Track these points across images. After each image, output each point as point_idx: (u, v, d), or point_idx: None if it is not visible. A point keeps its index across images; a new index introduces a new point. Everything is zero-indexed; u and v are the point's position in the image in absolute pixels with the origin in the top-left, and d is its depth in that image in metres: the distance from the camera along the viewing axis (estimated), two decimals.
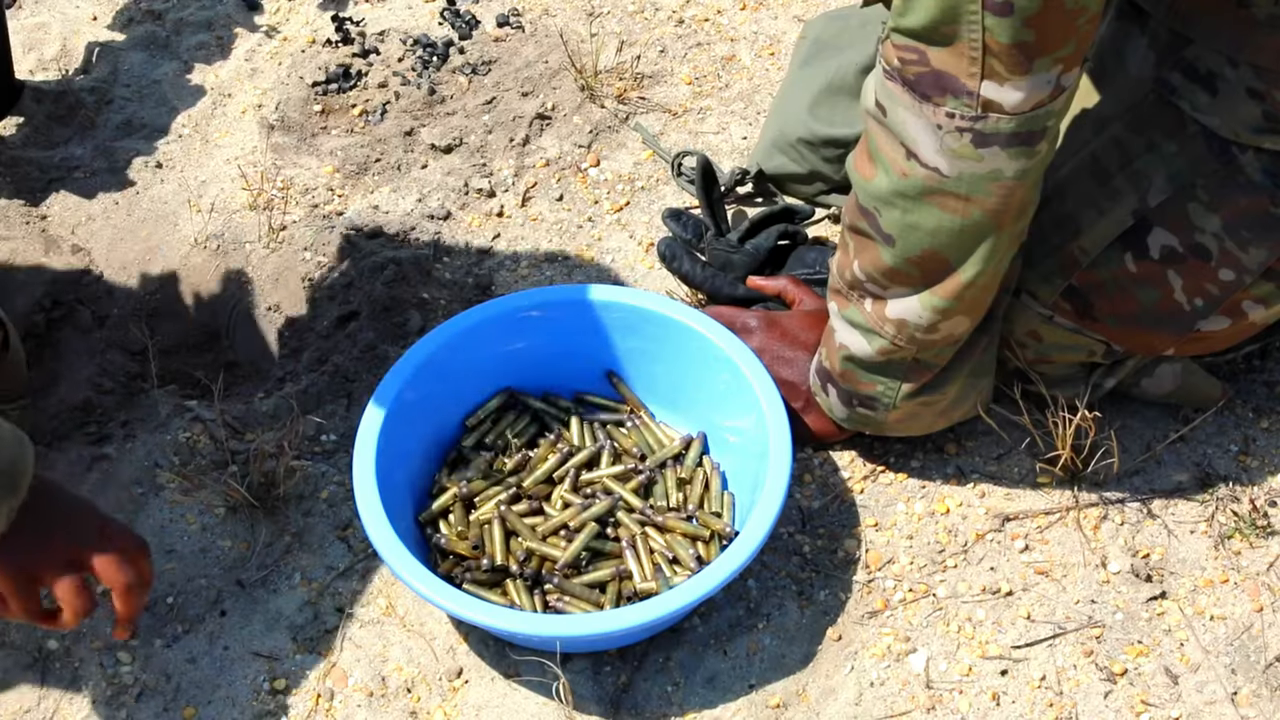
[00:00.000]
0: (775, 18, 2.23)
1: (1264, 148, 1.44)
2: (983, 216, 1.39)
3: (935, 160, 1.37)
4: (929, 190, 1.39)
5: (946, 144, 1.35)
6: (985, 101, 1.31)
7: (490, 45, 2.21)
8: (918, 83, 1.34)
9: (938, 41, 1.30)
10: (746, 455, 1.62)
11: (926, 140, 1.36)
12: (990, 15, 1.25)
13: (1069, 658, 1.54)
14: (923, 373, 1.54)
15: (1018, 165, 1.36)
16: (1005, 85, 1.30)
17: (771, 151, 1.95)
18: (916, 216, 1.41)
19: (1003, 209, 1.39)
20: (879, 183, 1.42)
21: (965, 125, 1.33)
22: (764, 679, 1.54)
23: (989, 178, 1.36)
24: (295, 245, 1.94)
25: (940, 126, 1.34)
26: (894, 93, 1.37)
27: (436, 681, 1.55)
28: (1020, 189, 1.39)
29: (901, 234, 1.43)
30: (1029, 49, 1.27)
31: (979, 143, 1.34)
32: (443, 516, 1.63)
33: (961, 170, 1.36)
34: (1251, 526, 1.63)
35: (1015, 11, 1.25)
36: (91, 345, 1.82)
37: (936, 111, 1.34)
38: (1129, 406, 1.73)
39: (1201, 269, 1.50)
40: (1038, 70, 1.29)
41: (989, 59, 1.28)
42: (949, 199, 1.39)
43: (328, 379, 1.79)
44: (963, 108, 1.32)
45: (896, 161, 1.40)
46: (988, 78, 1.30)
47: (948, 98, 1.33)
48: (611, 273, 1.92)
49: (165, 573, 1.63)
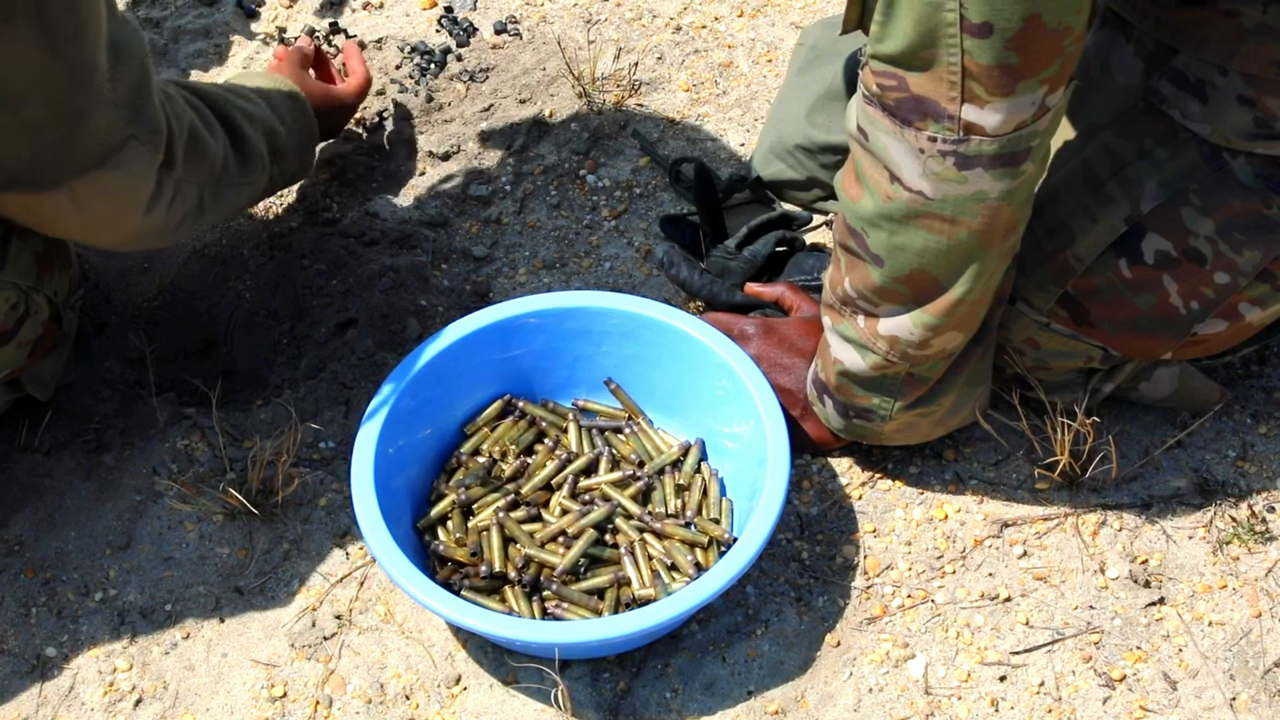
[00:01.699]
0: (773, 25, 2.23)
1: (1256, 152, 1.44)
2: (969, 237, 1.39)
3: (919, 184, 1.36)
4: (914, 213, 1.39)
5: (929, 167, 1.34)
6: (966, 124, 1.31)
7: (488, 52, 2.21)
8: (898, 108, 1.33)
9: (916, 67, 1.29)
10: (745, 462, 1.62)
11: (909, 164, 1.36)
12: (970, 38, 1.25)
13: (1068, 663, 1.54)
14: (917, 386, 1.54)
15: (1002, 186, 1.35)
16: (985, 108, 1.29)
17: (769, 158, 1.95)
18: (903, 238, 1.41)
19: (989, 229, 1.39)
20: (864, 205, 1.42)
21: (947, 149, 1.32)
22: (763, 685, 1.54)
23: (974, 199, 1.36)
24: (293, 253, 1.94)
25: (923, 150, 1.34)
26: (874, 118, 1.36)
27: (435, 688, 1.55)
28: (1006, 209, 1.38)
29: (889, 255, 1.43)
30: (1013, 71, 1.26)
31: (962, 165, 1.33)
32: (441, 523, 1.63)
33: (945, 193, 1.36)
34: (1250, 532, 1.63)
35: (995, 33, 1.24)
36: (89, 353, 1.82)
37: (918, 136, 1.33)
38: (1127, 411, 1.73)
39: (1196, 273, 1.50)
40: (1021, 92, 1.28)
41: (969, 82, 1.28)
42: (934, 221, 1.38)
43: (326, 386, 1.79)
44: (944, 131, 1.32)
45: (881, 185, 1.39)
46: (968, 101, 1.29)
47: (928, 122, 1.32)
48: (609, 279, 1.92)
49: (163, 580, 1.63)
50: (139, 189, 1.53)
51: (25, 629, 1.60)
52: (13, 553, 1.65)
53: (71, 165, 1.46)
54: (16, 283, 1.58)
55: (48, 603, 1.62)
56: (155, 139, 1.50)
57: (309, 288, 1.90)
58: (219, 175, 1.64)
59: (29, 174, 1.46)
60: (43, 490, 1.69)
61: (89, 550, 1.65)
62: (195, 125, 1.59)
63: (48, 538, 1.66)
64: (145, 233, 1.58)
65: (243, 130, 1.69)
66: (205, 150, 1.60)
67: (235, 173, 1.67)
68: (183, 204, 1.59)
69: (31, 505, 1.68)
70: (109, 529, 1.66)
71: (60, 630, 1.60)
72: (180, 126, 1.55)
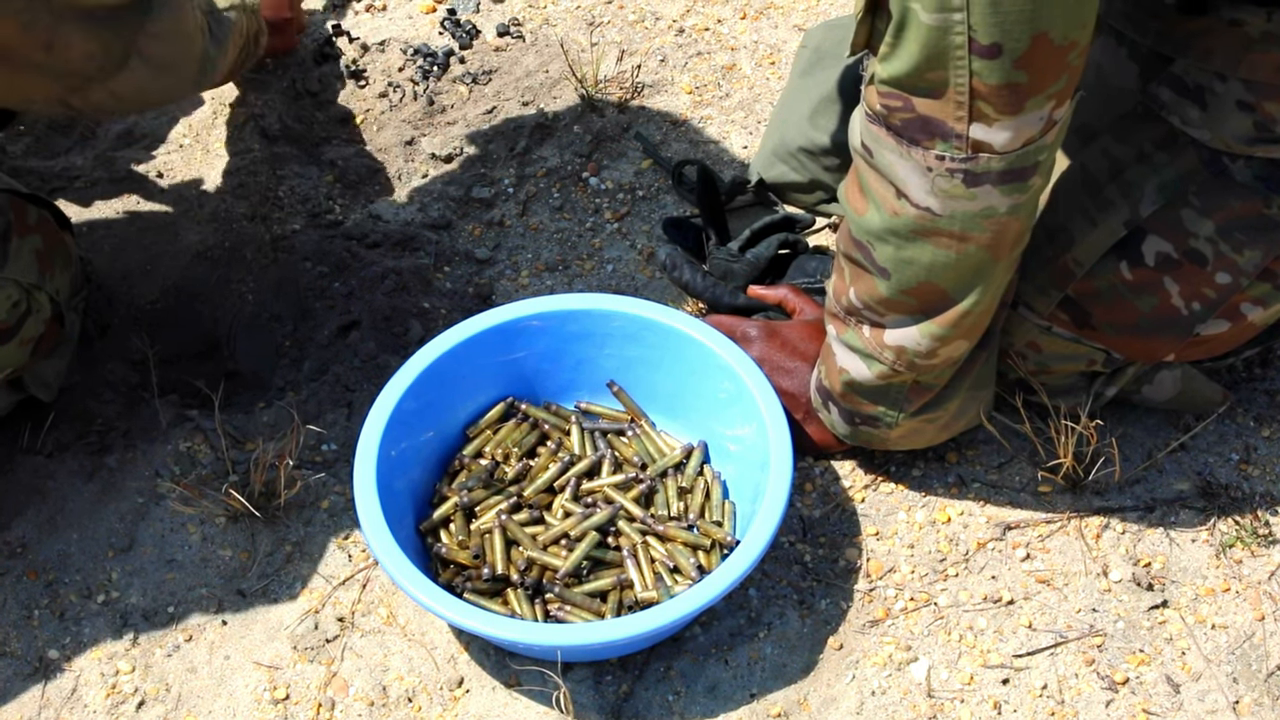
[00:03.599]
0: (775, 27, 2.23)
1: (1255, 155, 1.44)
2: (978, 251, 1.39)
3: (926, 200, 1.36)
4: (921, 229, 1.38)
5: (938, 185, 1.34)
6: (974, 143, 1.30)
7: (490, 55, 2.21)
8: (904, 128, 1.33)
9: (922, 89, 1.29)
10: (747, 464, 1.62)
11: (916, 181, 1.35)
12: (978, 59, 1.24)
13: (1070, 666, 1.54)
14: (923, 393, 1.54)
15: (1011, 201, 1.35)
16: (994, 126, 1.29)
17: (772, 160, 1.95)
18: (911, 252, 1.41)
19: (998, 243, 1.39)
20: (871, 219, 1.42)
21: (955, 167, 1.32)
22: (765, 688, 1.54)
23: (982, 215, 1.36)
24: (296, 255, 1.94)
25: (930, 169, 1.33)
26: (879, 136, 1.35)
27: (437, 691, 1.55)
28: (1014, 223, 1.38)
29: (897, 268, 1.43)
30: (1022, 89, 1.26)
31: (970, 182, 1.33)
32: (443, 526, 1.63)
33: (954, 209, 1.35)
34: (1253, 535, 1.63)
35: (1004, 53, 1.23)
36: (92, 355, 1.82)
37: (925, 155, 1.32)
38: (1130, 414, 1.73)
39: (1197, 274, 1.50)
40: (1030, 109, 1.28)
41: (977, 102, 1.27)
42: (943, 237, 1.38)
43: (328, 389, 1.79)
44: (952, 150, 1.31)
45: (887, 200, 1.39)
46: (976, 120, 1.28)
47: (936, 141, 1.31)
48: (612, 282, 1.92)
49: (166, 582, 1.63)
50: (186, 19, 1.60)
51: (28, 631, 1.60)
52: (15, 555, 1.65)
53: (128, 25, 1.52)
54: (18, 280, 1.59)
55: (50, 605, 1.62)
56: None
57: (311, 290, 1.90)
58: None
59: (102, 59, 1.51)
60: (45, 492, 1.69)
61: (91, 552, 1.65)
62: None
63: (50, 540, 1.66)
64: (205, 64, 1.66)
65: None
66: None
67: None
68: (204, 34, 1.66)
69: (34, 507, 1.68)
70: (111, 531, 1.66)
71: (63, 632, 1.60)
72: None
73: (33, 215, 1.66)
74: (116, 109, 1.71)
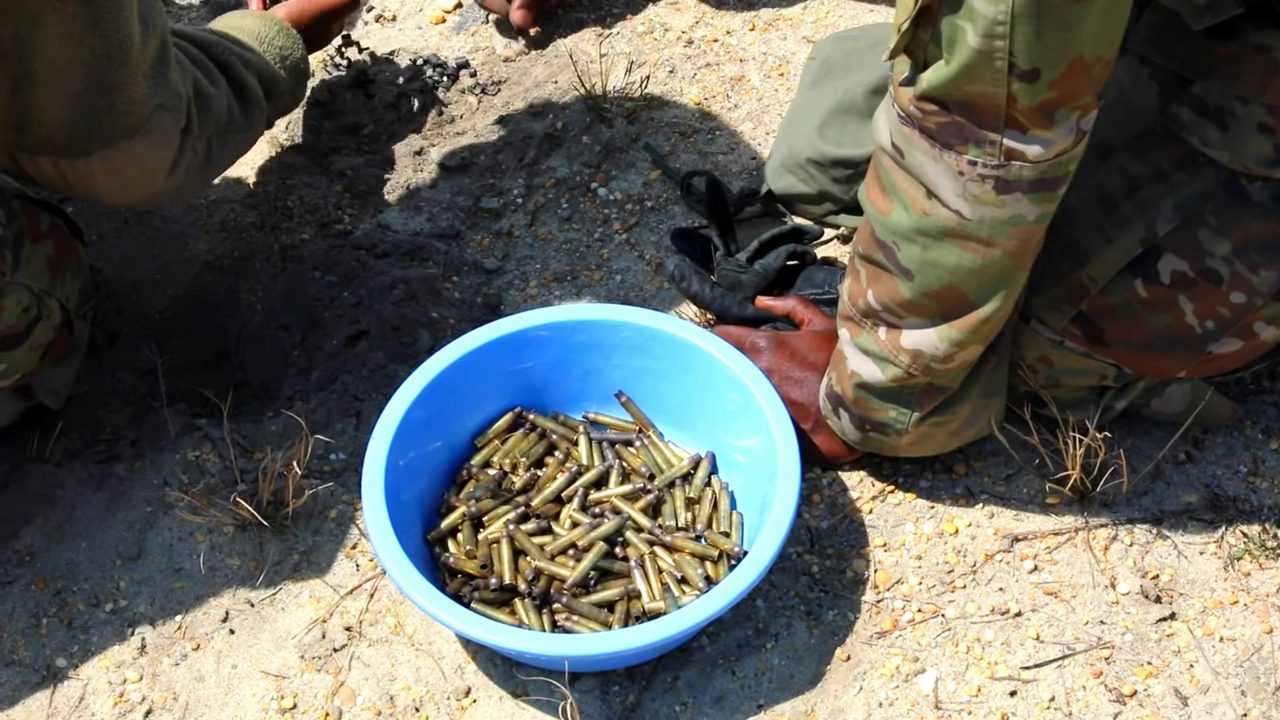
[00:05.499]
0: (784, 39, 2.23)
1: (1274, 177, 1.44)
2: (1003, 258, 1.40)
3: (956, 204, 1.37)
4: (950, 231, 1.39)
5: (969, 190, 1.35)
6: (1008, 150, 1.32)
7: (500, 65, 2.22)
8: (938, 132, 1.34)
9: (958, 99, 1.31)
10: (755, 475, 1.62)
11: (947, 184, 1.36)
12: (1017, 81, 1.27)
13: (1078, 679, 1.54)
14: (935, 396, 1.55)
15: (1039, 210, 1.37)
16: (1028, 134, 1.31)
17: (780, 172, 1.95)
18: (936, 254, 1.42)
19: (1023, 251, 1.41)
20: (897, 219, 1.43)
21: (988, 173, 1.33)
22: (772, 699, 1.54)
23: (1010, 222, 1.37)
24: (304, 265, 1.94)
25: (962, 173, 1.34)
26: (911, 138, 1.37)
27: (445, 700, 1.55)
28: (1040, 231, 1.40)
29: (920, 270, 1.44)
30: (1050, 103, 1.29)
31: (1001, 189, 1.34)
32: (451, 535, 1.63)
33: (983, 215, 1.37)
34: (1261, 548, 1.63)
35: (1041, 78, 1.26)
36: (101, 364, 1.83)
37: (958, 160, 1.34)
38: (1138, 426, 1.72)
39: (1212, 293, 1.50)
40: (1060, 120, 1.30)
41: (1012, 112, 1.29)
42: (970, 241, 1.39)
43: (337, 398, 1.80)
44: (985, 156, 1.33)
45: (917, 200, 1.40)
46: (1010, 127, 1.31)
47: (969, 146, 1.33)
48: (620, 292, 1.92)
49: (174, 591, 1.63)
50: (165, 154, 1.58)
51: (36, 639, 1.60)
52: (23, 563, 1.65)
53: (106, 134, 1.51)
54: (29, 285, 1.60)
55: (58, 613, 1.62)
56: (178, 105, 1.56)
57: (320, 299, 1.90)
58: (224, 125, 1.68)
59: (65, 142, 1.51)
60: (54, 501, 1.69)
61: (99, 561, 1.65)
62: (199, 80, 1.63)
63: (58, 548, 1.66)
64: (166, 191, 1.64)
65: (243, 78, 1.74)
66: (211, 104, 1.64)
67: (239, 121, 1.72)
68: (195, 157, 1.64)
69: (42, 516, 1.68)
70: (120, 540, 1.67)
71: (70, 641, 1.60)
72: (186, 84, 1.58)
73: (45, 222, 1.66)
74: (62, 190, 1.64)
